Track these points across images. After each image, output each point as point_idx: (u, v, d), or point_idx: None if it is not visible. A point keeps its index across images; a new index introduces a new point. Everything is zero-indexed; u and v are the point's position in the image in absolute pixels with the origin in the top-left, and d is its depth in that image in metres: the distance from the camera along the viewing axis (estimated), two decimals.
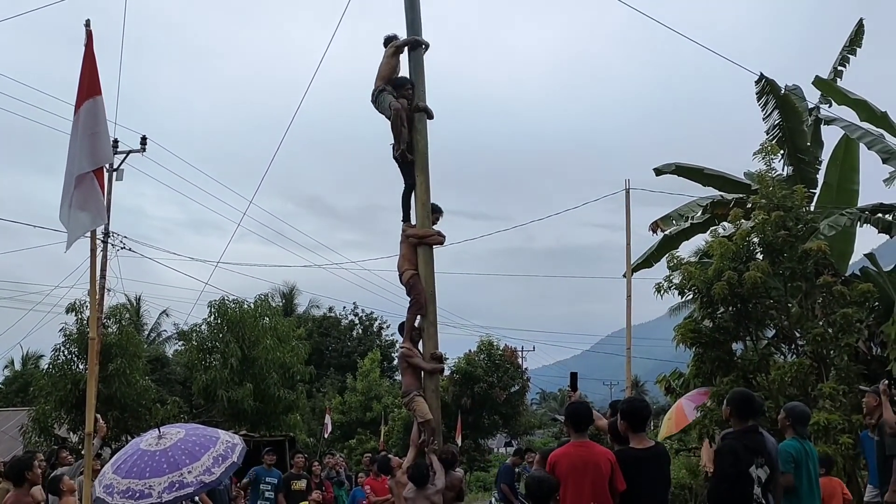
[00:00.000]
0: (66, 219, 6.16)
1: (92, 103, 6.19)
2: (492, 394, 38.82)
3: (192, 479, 5.34)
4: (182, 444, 5.54)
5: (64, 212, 6.16)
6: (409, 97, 10.69)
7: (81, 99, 6.20)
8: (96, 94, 6.23)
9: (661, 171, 19.26)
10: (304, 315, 51.32)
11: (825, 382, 14.10)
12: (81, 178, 6.16)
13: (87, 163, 6.19)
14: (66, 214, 6.14)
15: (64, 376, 23.76)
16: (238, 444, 5.82)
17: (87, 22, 6.10)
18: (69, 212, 6.15)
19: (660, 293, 16.34)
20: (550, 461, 6.50)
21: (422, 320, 10.42)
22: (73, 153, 6.24)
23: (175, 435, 5.72)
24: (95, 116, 6.22)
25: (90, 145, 6.20)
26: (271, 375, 27.37)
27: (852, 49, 18.67)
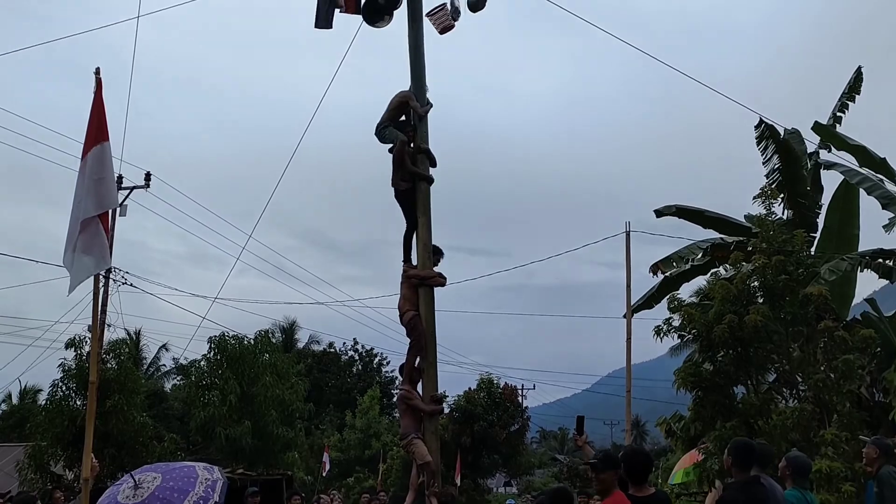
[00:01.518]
0: (70, 263, 6.18)
1: (99, 149, 6.25)
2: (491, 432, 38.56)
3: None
4: (160, 493, 5.36)
5: (68, 256, 6.18)
6: (411, 139, 10.85)
7: (89, 145, 6.26)
8: (104, 140, 6.30)
9: (662, 213, 19.34)
10: (303, 351, 51.18)
11: (827, 429, 14.02)
12: (87, 222, 6.20)
13: (93, 207, 6.23)
14: (69, 259, 6.16)
15: (61, 412, 23.62)
16: (217, 479, 5.63)
17: (96, 70, 6.18)
18: (73, 256, 6.17)
19: (659, 336, 16.31)
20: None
21: (421, 361, 10.43)
22: (79, 198, 6.29)
23: (152, 482, 5.52)
24: (102, 162, 6.28)
25: (96, 190, 6.25)
26: (270, 413, 27.23)
27: (851, 95, 18.84)
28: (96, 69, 6.12)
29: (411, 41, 11.68)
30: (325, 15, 11.96)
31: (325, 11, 11.95)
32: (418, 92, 11.33)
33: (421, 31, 11.75)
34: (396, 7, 11.99)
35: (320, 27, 11.98)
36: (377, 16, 12.06)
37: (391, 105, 11.27)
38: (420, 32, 11.72)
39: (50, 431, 23.51)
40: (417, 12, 11.81)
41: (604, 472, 6.49)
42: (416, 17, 11.78)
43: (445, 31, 12.09)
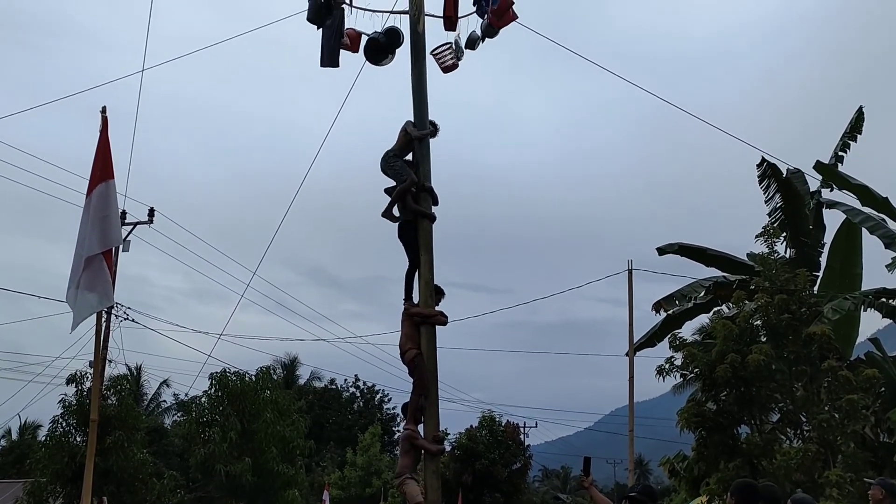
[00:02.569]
0: (73, 300, 6.20)
1: (104, 187, 6.30)
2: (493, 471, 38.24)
3: None
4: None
5: (71, 293, 6.21)
6: None
7: (94, 183, 6.32)
8: (109, 178, 6.35)
9: (665, 251, 19.36)
10: (305, 387, 50.96)
11: (832, 469, 13.92)
12: (91, 259, 6.24)
13: (97, 245, 6.27)
14: (73, 296, 6.19)
15: (61, 449, 23.48)
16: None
17: (102, 109, 6.25)
18: (76, 293, 6.20)
19: (662, 375, 16.26)
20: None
21: (423, 400, 10.37)
22: (84, 235, 6.33)
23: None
24: (107, 200, 6.33)
25: (101, 228, 6.29)
26: (270, 450, 27.04)
27: (853, 135, 18.94)
28: (102, 108, 6.19)
29: (414, 81, 11.74)
30: (330, 53, 12.03)
31: (331, 49, 12.02)
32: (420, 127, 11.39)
33: (424, 70, 11.81)
34: (398, 46, 12.08)
35: (327, 66, 12.05)
36: (380, 54, 12.14)
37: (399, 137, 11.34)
38: (423, 72, 11.78)
39: (50, 468, 23.35)
40: (420, 52, 11.88)
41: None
42: (419, 57, 11.83)
43: (449, 70, 12.18)
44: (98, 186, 6.30)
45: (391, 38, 12.00)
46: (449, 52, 12.11)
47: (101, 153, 6.34)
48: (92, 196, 6.31)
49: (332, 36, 11.99)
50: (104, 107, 6.22)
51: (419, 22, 11.93)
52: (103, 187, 6.30)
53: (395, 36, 11.99)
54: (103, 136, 6.34)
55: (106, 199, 6.32)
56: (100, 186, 6.30)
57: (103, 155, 6.34)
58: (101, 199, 6.30)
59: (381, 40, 12.02)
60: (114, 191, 6.38)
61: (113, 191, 6.37)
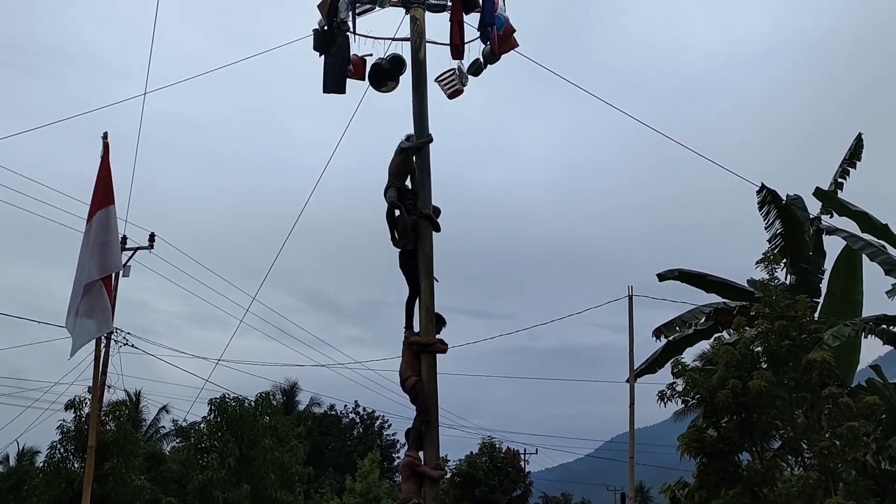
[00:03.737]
0: (73, 326, 6.20)
1: (105, 213, 6.32)
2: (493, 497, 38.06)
3: None
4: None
5: (70, 319, 6.20)
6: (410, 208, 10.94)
7: (95, 208, 6.33)
8: (109, 203, 6.37)
9: (665, 277, 19.35)
10: (304, 413, 50.77)
11: (833, 497, 13.84)
12: (90, 285, 6.24)
13: (97, 271, 6.27)
14: (72, 322, 6.18)
15: (59, 475, 23.40)
16: None
17: (104, 135, 6.27)
18: (76, 319, 6.19)
19: (663, 401, 16.21)
20: None
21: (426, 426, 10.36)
22: (84, 261, 6.33)
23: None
24: (107, 226, 6.34)
25: (100, 254, 6.30)
26: (269, 476, 26.93)
27: (852, 162, 19.00)
28: (104, 133, 6.21)
29: (415, 108, 11.83)
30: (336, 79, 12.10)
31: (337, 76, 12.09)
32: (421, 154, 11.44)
33: (425, 96, 11.90)
34: (401, 73, 12.17)
35: (331, 91, 12.11)
36: (383, 81, 12.24)
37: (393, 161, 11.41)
38: (424, 99, 11.87)
39: (47, 494, 23.26)
40: (421, 78, 11.98)
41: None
42: (420, 83, 11.94)
43: (455, 95, 12.28)
44: (98, 212, 6.31)
45: (395, 64, 12.12)
46: (454, 79, 12.23)
47: (102, 179, 6.36)
48: (92, 222, 6.31)
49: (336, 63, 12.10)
50: (105, 133, 6.23)
51: (420, 49, 12.05)
52: (104, 213, 6.31)
53: (398, 63, 12.11)
54: (104, 162, 6.36)
55: (106, 225, 6.33)
56: (100, 212, 6.31)
57: (104, 180, 6.36)
58: (101, 224, 6.30)
59: (384, 66, 12.13)
60: (114, 216, 6.39)
61: (113, 216, 6.38)
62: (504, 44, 12.12)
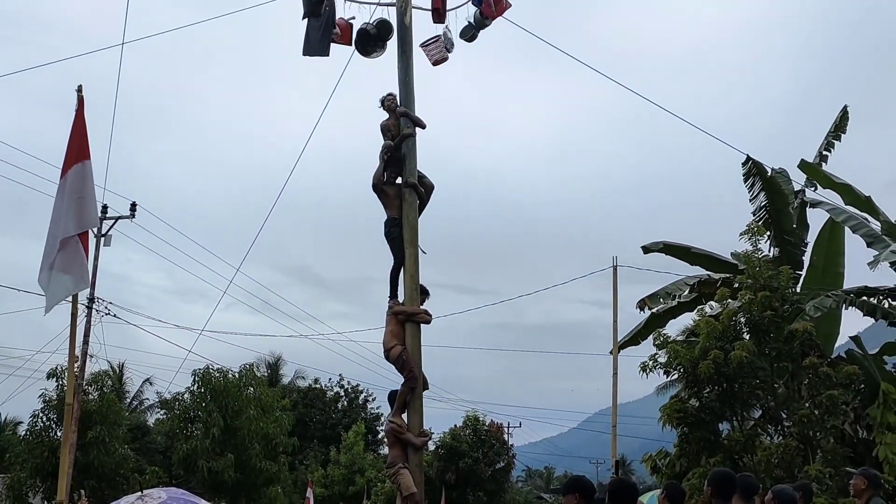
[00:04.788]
0: (46, 282, 6.12)
1: (80, 168, 6.21)
2: (476, 470, 38.19)
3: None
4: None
5: (44, 275, 6.11)
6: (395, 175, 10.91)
7: (69, 163, 6.22)
8: (85, 158, 6.26)
9: (649, 250, 19.35)
10: (289, 386, 50.75)
11: (811, 465, 13.98)
12: (66, 241, 6.15)
13: (73, 226, 6.18)
14: (45, 277, 6.10)
15: (41, 443, 23.36)
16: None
17: (78, 88, 6.17)
18: (50, 274, 6.11)
19: (645, 372, 16.28)
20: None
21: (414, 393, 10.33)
22: (58, 216, 6.24)
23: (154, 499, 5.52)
24: (83, 181, 6.24)
25: (76, 209, 6.20)
26: (253, 446, 26.95)
27: (837, 134, 19.01)
28: (78, 87, 6.11)
29: (401, 76, 11.67)
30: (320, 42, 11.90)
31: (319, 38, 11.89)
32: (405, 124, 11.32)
33: (411, 65, 11.73)
34: (389, 38, 11.99)
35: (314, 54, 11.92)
36: (370, 46, 12.06)
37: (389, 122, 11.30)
38: (410, 67, 11.70)
39: (29, 462, 23.24)
40: (407, 45, 11.81)
41: (565, 495, 6.58)
42: (406, 51, 11.77)
43: (439, 63, 12.08)
44: (74, 167, 6.20)
45: (382, 29, 11.93)
46: (438, 46, 12.05)
47: (77, 133, 6.25)
48: (67, 177, 6.21)
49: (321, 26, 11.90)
50: (80, 86, 6.13)
51: (406, 14, 11.86)
52: (79, 168, 6.20)
53: (386, 27, 11.92)
54: (79, 116, 6.24)
55: (82, 180, 6.22)
56: (75, 167, 6.20)
57: (79, 135, 6.25)
58: (76, 179, 6.20)
59: (371, 31, 11.94)
60: (90, 172, 6.28)
61: (89, 172, 6.27)
62: (498, 4, 11.95)
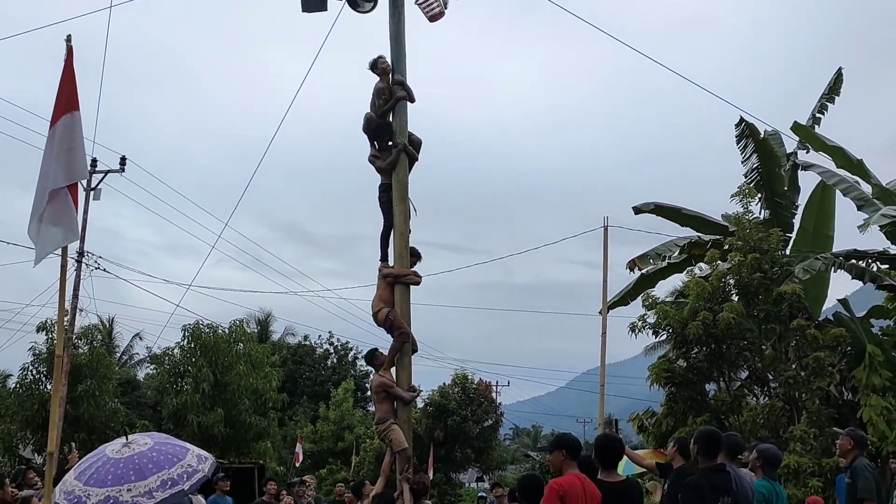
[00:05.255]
0: (36, 234, 6.06)
1: (69, 118, 6.12)
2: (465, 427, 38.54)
3: (127, 498, 4.98)
4: (139, 458, 5.29)
5: (33, 227, 6.06)
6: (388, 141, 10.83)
7: (58, 114, 6.13)
8: (74, 109, 6.17)
9: (640, 210, 19.35)
10: (278, 342, 50.91)
11: (797, 425, 14.16)
12: (55, 193, 6.07)
13: (62, 178, 6.10)
14: (35, 229, 6.04)
15: (31, 396, 23.41)
16: (199, 470, 5.51)
17: (67, 37, 6.06)
18: (39, 226, 6.05)
19: (634, 332, 16.38)
20: (558, 490, 6.13)
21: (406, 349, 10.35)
22: (47, 168, 6.16)
23: (141, 446, 5.48)
24: (72, 132, 6.15)
25: (66, 161, 6.11)
26: (243, 401, 27.06)
27: (831, 97, 18.95)
28: (67, 37, 6.01)
29: (392, 32, 11.54)
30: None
31: None
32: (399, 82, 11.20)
33: (402, 21, 11.60)
34: None
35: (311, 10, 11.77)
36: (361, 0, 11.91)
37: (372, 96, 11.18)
38: (401, 22, 11.57)
39: (19, 415, 23.29)
40: (398, 1, 11.67)
41: (551, 452, 6.69)
42: (398, 6, 11.63)
43: (435, 19, 11.90)
44: (63, 118, 6.10)
45: None
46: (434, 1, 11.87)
47: (66, 83, 6.14)
48: (56, 128, 6.12)
49: None
50: (69, 35, 6.02)
51: None
52: (68, 119, 6.11)
53: None
54: (68, 66, 6.14)
55: (71, 131, 6.13)
56: (64, 118, 6.10)
57: (68, 86, 6.14)
58: (66, 130, 6.11)
59: None
60: (79, 123, 6.19)
61: (78, 123, 6.18)
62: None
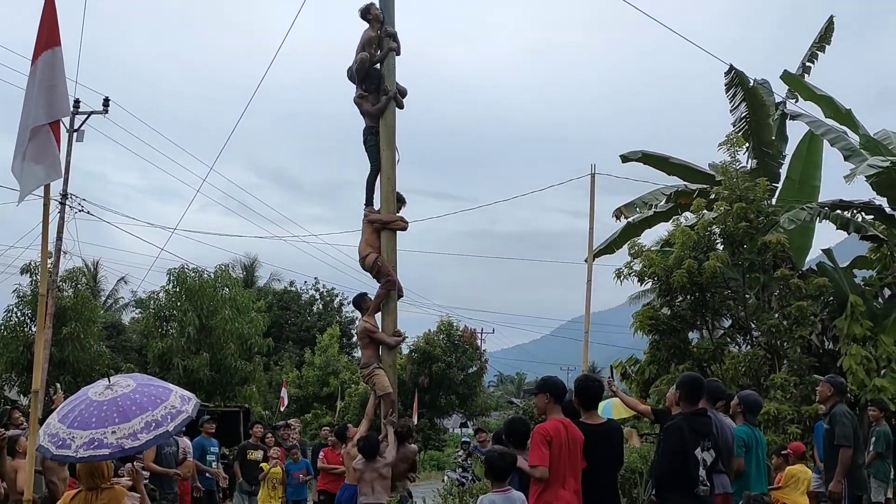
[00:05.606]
0: (19, 171, 5.99)
1: (50, 54, 6.00)
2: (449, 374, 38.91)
3: (112, 440, 4.97)
4: (122, 401, 5.27)
5: (17, 164, 5.98)
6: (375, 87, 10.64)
7: (39, 50, 6.01)
8: (55, 44, 6.04)
9: (628, 158, 19.27)
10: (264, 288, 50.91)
11: (777, 373, 14.33)
12: (37, 130, 5.99)
13: (44, 115, 6.01)
14: (18, 167, 5.96)
15: (16, 338, 23.41)
16: (183, 412, 5.48)
17: None
18: (22, 164, 5.98)
19: (620, 279, 16.45)
20: (545, 435, 6.20)
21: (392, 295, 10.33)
22: (29, 105, 6.06)
23: (124, 388, 5.45)
24: (53, 68, 6.03)
25: (47, 97, 6.02)
26: (228, 346, 27.15)
27: (821, 46, 18.80)
28: None
29: None
30: None
31: None
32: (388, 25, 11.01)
33: None
34: None
35: None
36: None
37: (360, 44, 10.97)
38: None
39: (4, 357, 23.31)
40: None
41: (536, 395, 6.81)
42: None
43: None
44: (43, 54, 5.98)
45: None
46: None
47: (47, 18, 6.00)
48: (37, 64, 6.00)
49: None
50: None
51: None
52: (49, 55, 5.98)
53: None
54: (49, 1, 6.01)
55: (52, 68, 6.01)
56: (45, 54, 5.98)
57: (49, 20, 6.00)
58: (47, 67, 5.99)
59: None
60: (60, 59, 6.06)
61: (60, 59, 6.05)
62: None
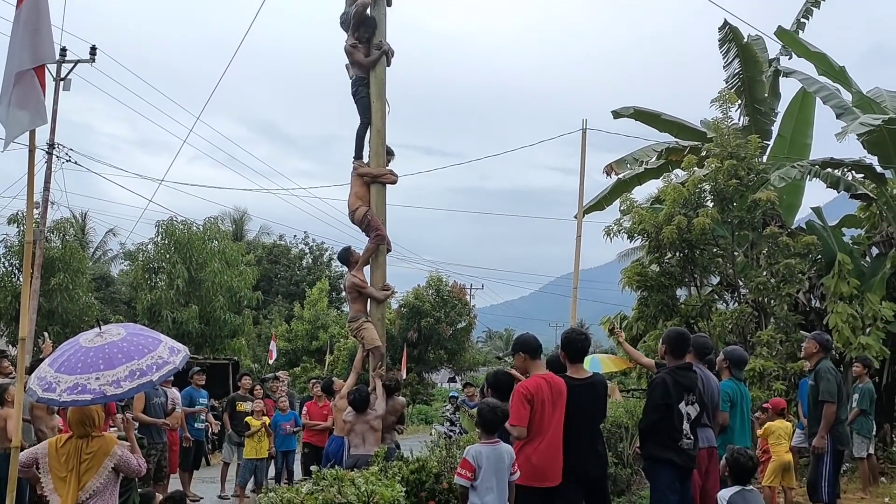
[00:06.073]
0: (4, 117, 5.90)
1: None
2: (438, 329, 39.03)
3: (95, 386, 4.97)
4: (109, 348, 5.28)
5: (2, 110, 5.88)
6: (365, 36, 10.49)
7: None
8: None
9: (619, 115, 19.17)
10: (253, 241, 50.82)
11: (764, 330, 14.43)
12: (21, 75, 5.89)
13: (28, 60, 5.90)
14: (3, 112, 5.87)
15: (3, 288, 23.34)
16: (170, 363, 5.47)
17: None
18: (7, 110, 5.89)
19: (609, 236, 16.46)
20: (525, 394, 6.14)
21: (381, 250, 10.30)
22: (14, 50, 5.95)
23: (113, 336, 5.46)
24: (38, 12, 5.91)
25: (31, 42, 5.90)
26: (217, 298, 27.16)
27: (816, 2, 18.64)
28: None
29: None
30: None
31: None
32: None
33: None
34: None
35: None
36: None
37: None
38: None
39: None
40: None
41: (513, 355, 6.70)
42: None
43: None
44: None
45: None
46: None
47: None
48: (22, 7, 5.89)
49: None
50: None
51: None
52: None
53: None
54: None
55: (37, 11, 5.90)
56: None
57: None
58: (31, 10, 5.87)
59: None
60: (45, 2, 5.95)
61: (45, 2, 5.94)
62: None
